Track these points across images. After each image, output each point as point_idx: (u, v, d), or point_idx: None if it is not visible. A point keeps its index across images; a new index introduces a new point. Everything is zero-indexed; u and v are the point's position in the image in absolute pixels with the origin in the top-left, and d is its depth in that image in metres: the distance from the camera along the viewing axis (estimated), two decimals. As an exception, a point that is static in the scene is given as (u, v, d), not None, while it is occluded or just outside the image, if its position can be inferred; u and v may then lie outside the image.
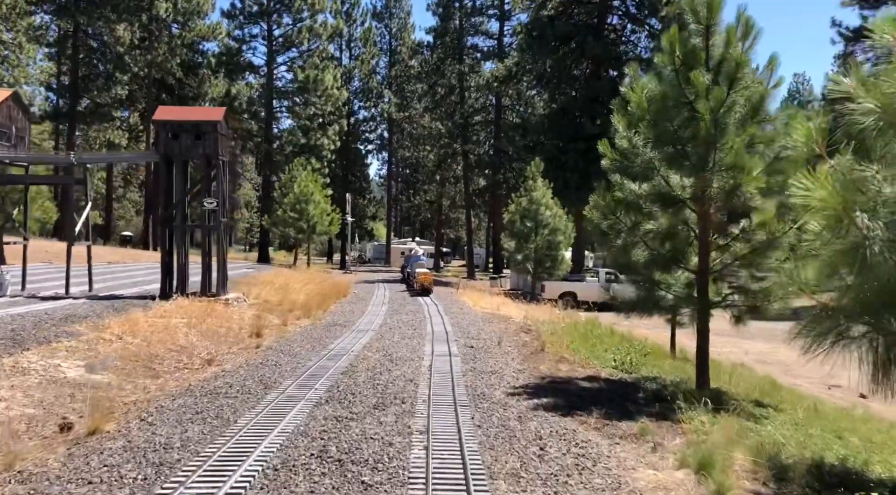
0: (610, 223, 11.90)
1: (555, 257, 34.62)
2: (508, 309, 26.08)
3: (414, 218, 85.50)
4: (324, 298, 24.34)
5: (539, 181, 34.92)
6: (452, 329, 18.18)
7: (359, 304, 24.71)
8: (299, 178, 40.86)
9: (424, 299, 27.12)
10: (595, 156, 37.89)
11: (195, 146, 19.64)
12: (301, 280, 29.84)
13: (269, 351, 14.22)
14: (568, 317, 27.33)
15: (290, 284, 26.89)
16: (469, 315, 21.99)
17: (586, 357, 14.26)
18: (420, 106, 62.06)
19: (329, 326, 18.30)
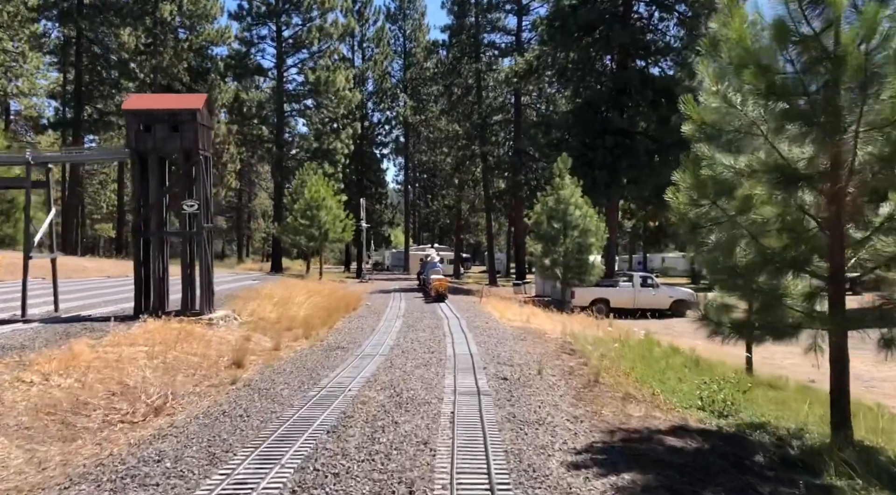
0: (701, 211, 8.30)
1: (586, 261, 30.94)
2: (540, 320, 22.45)
3: (433, 223, 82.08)
4: (330, 313, 20.88)
5: (567, 178, 31.33)
6: (478, 350, 14.59)
7: (369, 319, 21.20)
8: (310, 183, 37.58)
9: (444, 311, 23.53)
10: (624, 152, 33.88)
11: (171, 139, 16.28)
12: (308, 292, 26.45)
13: (244, 389, 10.72)
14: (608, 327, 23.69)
15: (294, 297, 23.48)
16: (496, 330, 18.38)
17: (657, 391, 10.61)
18: (436, 108, 58.70)
19: (329, 350, 14.78)
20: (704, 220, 8.17)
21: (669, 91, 38.06)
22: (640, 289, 34.57)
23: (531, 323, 21.11)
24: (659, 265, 69.57)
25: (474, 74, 52.20)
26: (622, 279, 36.06)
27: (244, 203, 70.32)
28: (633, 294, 34.47)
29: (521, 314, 23.51)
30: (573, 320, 26.03)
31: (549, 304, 35.51)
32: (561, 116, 41.20)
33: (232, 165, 51.73)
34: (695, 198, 8.22)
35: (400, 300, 28.60)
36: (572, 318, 27.13)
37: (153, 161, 16.32)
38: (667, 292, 35.49)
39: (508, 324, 20.06)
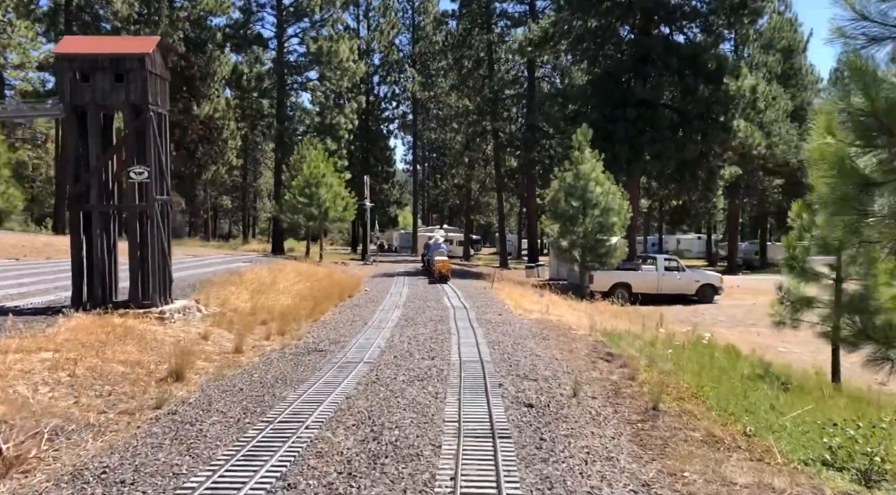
0: (881, 157, 4.84)
1: (608, 242, 27.46)
2: (560, 311, 19.06)
3: (442, 204, 78.54)
4: (318, 302, 17.55)
5: (587, 152, 27.79)
6: (491, 354, 11.22)
7: (365, 309, 17.86)
8: (309, 158, 34.18)
9: (450, 300, 20.10)
10: (646, 125, 30.13)
11: (116, 91, 12.91)
12: (300, 276, 23.18)
13: (163, 422, 7.42)
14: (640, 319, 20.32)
15: (281, 282, 20.18)
16: (511, 325, 15.00)
17: (749, 429, 7.19)
18: (446, 83, 54.94)
19: (303, 353, 11.46)
20: (883, 171, 4.67)
21: (695, 59, 34.34)
22: (665, 272, 31.20)
23: (551, 314, 17.73)
24: (674, 247, 65.90)
25: (486, 46, 48.39)
26: (644, 262, 32.60)
27: (249, 182, 67.01)
28: (656, 278, 31.10)
29: (539, 303, 20.12)
30: (597, 309, 22.64)
31: (565, 289, 32.23)
32: (578, 88, 37.50)
33: (233, 142, 48.37)
34: (868, 134, 4.67)
35: (403, 285, 25.26)
36: (594, 307, 23.74)
37: (93, 117, 12.97)
38: (693, 276, 32.06)
39: (525, 317, 16.67)
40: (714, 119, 34.83)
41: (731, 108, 34.31)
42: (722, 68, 34.03)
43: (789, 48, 57.19)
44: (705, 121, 34.79)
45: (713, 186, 36.71)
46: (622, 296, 30.42)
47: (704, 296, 31.42)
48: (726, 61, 34.31)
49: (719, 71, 34.02)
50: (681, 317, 27.99)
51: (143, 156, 13.28)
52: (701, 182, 36.50)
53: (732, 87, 33.49)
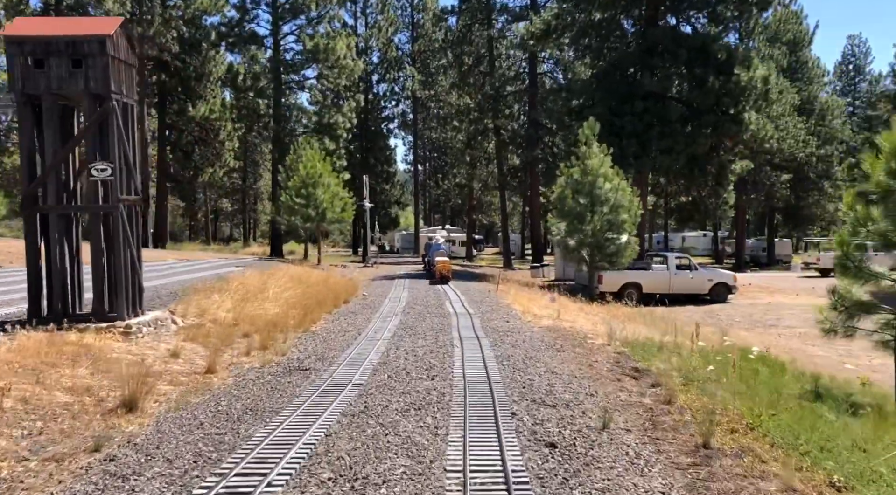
0: None
1: (617, 241, 25.86)
2: (572, 315, 17.44)
3: (444, 204, 76.95)
4: (310, 310, 15.96)
5: (595, 146, 26.21)
6: (500, 372, 9.61)
7: (360, 316, 16.25)
8: (305, 158, 32.63)
9: (453, 305, 18.45)
10: (655, 118, 28.68)
11: (74, 78, 11.32)
12: (294, 281, 21.59)
13: (86, 476, 5.79)
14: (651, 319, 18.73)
15: (271, 288, 18.58)
16: (520, 333, 13.38)
17: (837, 477, 5.56)
18: (446, 81, 53.34)
19: (285, 373, 9.87)
20: None
21: (705, 50, 32.72)
22: (676, 271, 29.58)
23: (562, 319, 16.12)
24: (679, 244, 64.19)
25: (486, 42, 46.80)
26: (655, 261, 30.96)
27: (249, 184, 65.49)
28: (667, 277, 29.48)
29: (549, 307, 18.50)
30: (609, 312, 21.02)
31: (572, 290, 30.69)
32: (583, 82, 35.85)
33: (230, 144, 46.86)
34: None
35: (403, 289, 23.66)
36: (606, 309, 22.11)
37: (49, 108, 11.39)
38: (705, 275, 30.44)
39: (535, 324, 15.06)
40: (724, 111, 33.20)
41: (742, 100, 32.68)
42: (732, 59, 32.40)
43: (795, 41, 55.58)
44: (715, 113, 33.16)
45: (724, 181, 35.08)
46: (632, 297, 28.86)
47: (718, 296, 29.83)
48: (736, 51, 32.67)
49: (729, 61, 32.39)
50: (695, 318, 26.27)
51: (106, 151, 11.67)
52: (711, 177, 34.89)
53: (744, 77, 31.84)
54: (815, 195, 58.27)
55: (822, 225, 63.16)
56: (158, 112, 45.75)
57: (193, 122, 45.70)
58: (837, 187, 59.23)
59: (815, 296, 33.77)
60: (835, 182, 58.49)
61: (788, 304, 29.60)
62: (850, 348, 20.24)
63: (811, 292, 34.16)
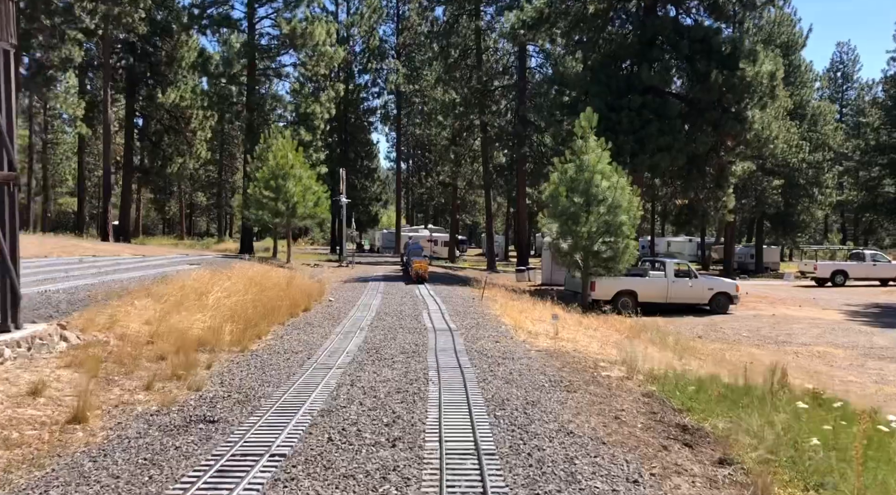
0: None
1: (616, 245, 22.92)
2: (571, 332, 14.36)
3: (427, 202, 73.75)
4: (254, 321, 12.75)
5: (592, 140, 23.28)
6: (494, 433, 6.46)
7: (317, 330, 13.05)
8: (275, 147, 29.35)
9: (431, 317, 15.23)
10: (653, 114, 25.30)
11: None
12: (249, 282, 18.32)
13: None
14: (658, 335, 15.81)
15: (215, 292, 15.30)
16: (516, 361, 10.24)
17: None
18: (431, 76, 50.19)
19: (184, 425, 6.68)
20: None
21: (708, 42, 29.86)
22: (675, 279, 26.74)
23: (562, 338, 13.04)
24: (664, 249, 61.47)
25: (474, 34, 43.71)
26: (651, 267, 28.05)
27: (224, 178, 61.86)
28: (665, 286, 26.64)
29: (542, 320, 15.41)
30: (609, 325, 17.99)
31: (562, 297, 27.71)
32: (577, 73, 32.83)
33: (202, 133, 43.34)
34: None
35: (375, 294, 20.45)
36: (604, 322, 19.09)
37: None
38: (705, 283, 27.60)
39: (531, 344, 11.95)
40: (726, 109, 30.40)
41: (747, 97, 29.87)
42: (737, 52, 29.55)
43: (788, 44, 53.11)
44: (717, 110, 30.35)
45: (724, 184, 32.26)
46: (627, 306, 25.97)
47: (718, 307, 27.04)
48: (742, 44, 29.79)
49: (734, 55, 29.56)
50: (697, 331, 23.43)
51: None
52: (710, 179, 32.09)
53: (749, 72, 29.00)
54: (805, 202, 55.96)
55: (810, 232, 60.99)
56: (126, 98, 42.15)
57: (163, 109, 42.15)
58: (827, 194, 56.97)
59: (819, 308, 31.15)
60: (824, 189, 56.23)
61: (795, 317, 26.80)
62: (883, 372, 17.45)
63: (813, 303, 31.50)
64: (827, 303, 31.78)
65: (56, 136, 52.61)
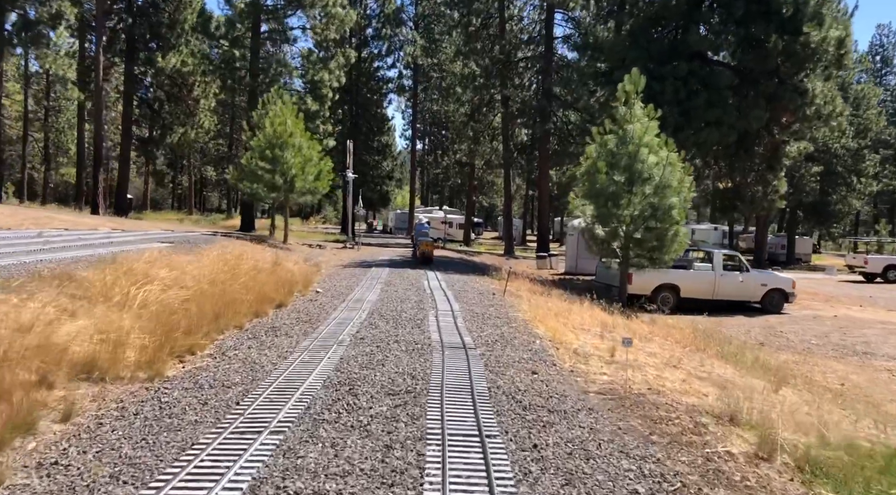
0: None
1: (663, 231, 18.73)
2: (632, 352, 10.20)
3: (442, 183, 69.46)
4: (203, 322, 8.82)
5: (637, 106, 18.99)
6: None
7: (277, 344, 9.02)
8: (272, 113, 25.33)
9: (440, 324, 11.10)
10: (701, 84, 20.62)
11: None
12: (223, 266, 14.44)
13: None
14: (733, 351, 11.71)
15: (160, 280, 11.36)
16: (572, 422, 6.16)
17: None
18: (450, 49, 45.73)
19: None
20: None
21: (764, 3, 25.27)
22: (723, 273, 22.55)
23: (618, 360, 8.95)
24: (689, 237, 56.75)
25: (497, 0, 39.20)
26: (696, 257, 23.78)
27: (235, 152, 57.92)
28: (712, 280, 22.47)
29: (585, 327, 11.34)
30: (668, 333, 13.86)
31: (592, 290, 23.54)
32: (614, 38, 28.32)
33: (205, 102, 39.40)
34: None
35: (375, 283, 16.38)
36: (659, 326, 14.94)
37: None
38: (758, 278, 23.33)
39: (583, 375, 7.88)
40: (783, 80, 25.88)
41: (809, 66, 25.35)
42: (800, 15, 24.92)
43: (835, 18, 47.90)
44: (773, 81, 25.85)
45: (776, 165, 27.77)
46: (667, 302, 21.89)
47: (771, 305, 22.84)
48: (805, 6, 25.13)
49: (796, 18, 24.93)
50: (755, 335, 19.23)
51: None
52: (760, 160, 27.65)
53: (814, 37, 24.43)
54: (843, 190, 51.15)
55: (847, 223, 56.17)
56: (125, 62, 38.18)
57: (163, 75, 38.17)
58: (866, 183, 52.04)
59: (884, 309, 26.74)
60: (864, 177, 51.29)
61: (862, 320, 22.49)
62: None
63: (872, 303, 27.18)
64: (888, 302, 27.39)
65: (59, 103, 48.93)
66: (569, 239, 31.87)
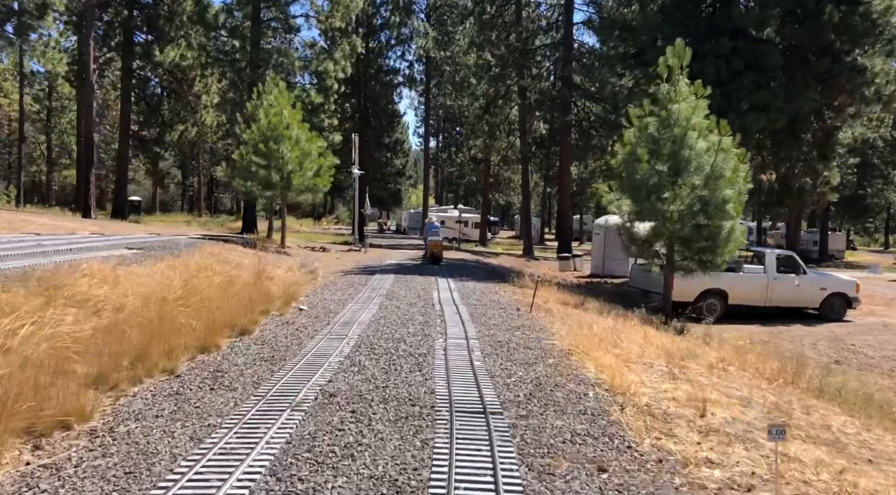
0: None
1: (717, 230, 15.53)
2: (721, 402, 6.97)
3: (457, 181, 66.23)
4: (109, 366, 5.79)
5: (683, 82, 15.81)
6: None
7: (218, 398, 5.97)
8: (266, 102, 22.41)
9: (450, 359, 7.93)
10: (745, 63, 17.21)
11: None
12: (183, 279, 11.45)
13: None
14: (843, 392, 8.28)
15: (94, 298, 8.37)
16: None
17: None
18: (464, 40, 42.55)
19: None
20: None
21: (818, -28, 21.88)
22: (776, 275, 19.24)
23: (714, 423, 5.79)
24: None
25: (513, -16, 36.02)
26: (744, 258, 20.44)
27: (243, 152, 55.28)
28: (764, 283, 19.18)
29: (643, 359, 8.18)
30: (745, 359, 10.59)
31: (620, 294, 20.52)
32: (647, 14, 24.95)
33: (207, 98, 36.62)
34: None
35: (374, 298, 13.25)
36: (728, 350, 11.67)
37: None
38: (817, 281, 19.94)
39: (674, 461, 4.76)
40: (837, 57, 22.45)
41: (867, 41, 21.90)
42: (858, -18, 21.53)
43: None
44: (827, 58, 22.43)
45: (829, 154, 24.33)
46: (713, 310, 18.66)
47: (832, 311, 19.54)
48: (864, -28, 21.67)
49: (855, -15, 21.56)
50: (823, 350, 15.94)
51: None
52: (810, 147, 24.22)
53: (876, 6, 20.98)
54: (879, 183, 47.32)
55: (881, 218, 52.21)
56: (123, 57, 35.48)
57: (162, 69, 35.43)
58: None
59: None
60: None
61: (944, 329, 18.98)
62: None
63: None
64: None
65: (61, 103, 46.48)
66: (595, 238, 28.60)
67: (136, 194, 61.28)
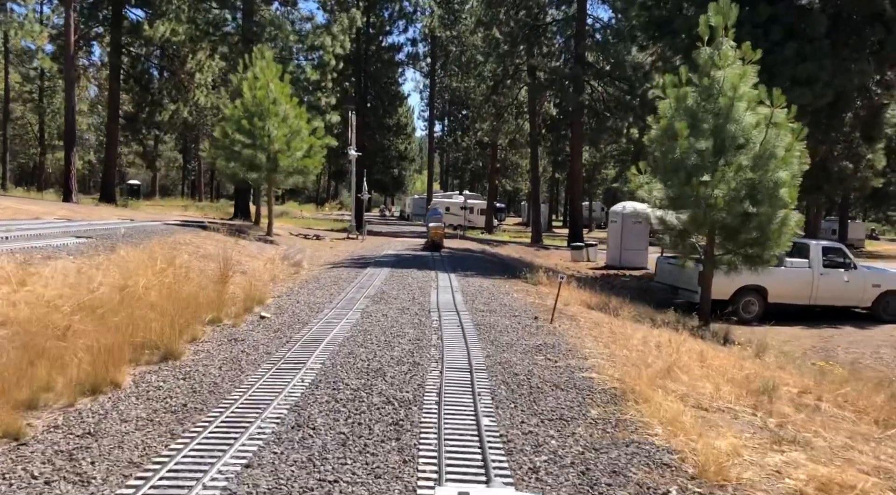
0: None
1: (768, 219, 12.73)
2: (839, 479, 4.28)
3: (462, 166, 63.34)
4: None
5: (727, 45, 12.96)
6: None
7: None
8: (250, 74, 19.76)
9: (444, 417, 5.39)
10: (788, 32, 13.82)
11: None
12: (112, 283, 8.84)
13: None
14: None
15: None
16: None
17: None
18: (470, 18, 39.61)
19: None
20: None
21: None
22: (823, 270, 16.52)
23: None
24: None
25: (523, -44, 33.00)
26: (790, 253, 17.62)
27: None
28: (809, 280, 16.48)
29: (733, 403, 5.58)
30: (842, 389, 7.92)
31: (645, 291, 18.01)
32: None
33: (201, 76, 33.91)
34: None
35: (357, 300, 10.61)
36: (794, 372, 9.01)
37: None
38: (869, 277, 17.18)
39: None
40: (890, 26, 19.54)
41: (926, 6, 18.97)
42: (916, -63, 18.56)
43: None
44: (876, 27, 19.55)
45: (876, 134, 21.51)
46: (751, 309, 16.07)
47: (886, 311, 16.87)
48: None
49: (910, -58, 18.59)
50: (889, 360, 13.34)
51: None
52: (853, 127, 21.40)
53: (940, -34, 18.04)
54: (904, 170, 44.30)
55: None
56: (111, 32, 32.75)
57: (152, 45, 32.74)
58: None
59: None
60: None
61: None
62: None
63: None
64: None
65: (54, 82, 43.84)
66: (611, 226, 25.91)
67: (137, 178, 58.70)
